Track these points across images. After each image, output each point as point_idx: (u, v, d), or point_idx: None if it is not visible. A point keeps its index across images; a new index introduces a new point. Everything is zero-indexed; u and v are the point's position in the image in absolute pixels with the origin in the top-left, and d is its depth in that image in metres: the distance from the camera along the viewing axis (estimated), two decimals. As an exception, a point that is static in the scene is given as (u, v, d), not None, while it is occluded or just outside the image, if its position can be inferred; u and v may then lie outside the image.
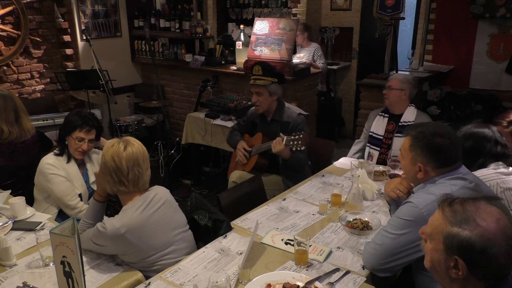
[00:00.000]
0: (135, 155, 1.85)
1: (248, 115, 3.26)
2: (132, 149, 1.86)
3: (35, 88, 4.98)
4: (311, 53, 5.16)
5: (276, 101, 3.02)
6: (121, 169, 1.83)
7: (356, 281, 1.71)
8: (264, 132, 3.08)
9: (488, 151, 2.08)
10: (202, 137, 4.34)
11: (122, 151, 1.84)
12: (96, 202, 1.99)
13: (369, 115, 3.32)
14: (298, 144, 2.62)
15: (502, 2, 4.12)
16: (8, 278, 1.74)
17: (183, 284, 1.71)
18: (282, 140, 2.68)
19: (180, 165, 4.69)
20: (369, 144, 3.18)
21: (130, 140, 1.90)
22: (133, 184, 1.86)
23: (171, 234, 1.92)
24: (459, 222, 1.15)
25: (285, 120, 2.99)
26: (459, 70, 4.58)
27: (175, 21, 5.53)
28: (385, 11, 3.81)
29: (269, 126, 3.07)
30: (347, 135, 5.93)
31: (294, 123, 2.95)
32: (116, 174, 1.83)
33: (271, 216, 2.26)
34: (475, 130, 2.13)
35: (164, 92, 5.69)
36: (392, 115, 3.12)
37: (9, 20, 4.59)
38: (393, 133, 3.05)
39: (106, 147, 1.88)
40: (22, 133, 2.83)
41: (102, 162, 1.88)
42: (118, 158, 1.83)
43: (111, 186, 1.87)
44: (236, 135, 3.24)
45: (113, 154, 1.84)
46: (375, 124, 3.18)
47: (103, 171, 1.87)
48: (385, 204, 2.31)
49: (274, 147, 2.73)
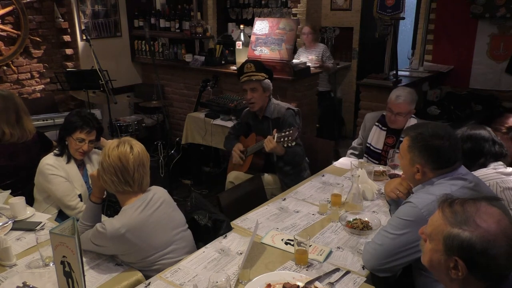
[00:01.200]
0: (140, 155, 1.89)
1: (242, 117, 3.29)
2: (138, 150, 1.89)
3: (35, 88, 4.98)
4: (319, 54, 5.16)
5: (267, 97, 3.04)
6: (127, 169, 1.84)
7: (356, 281, 1.71)
8: (258, 131, 3.10)
9: (488, 151, 2.10)
10: (202, 137, 4.34)
11: (128, 152, 1.85)
12: (92, 203, 1.99)
13: (364, 120, 3.15)
14: (288, 140, 2.62)
15: (502, 2, 4.12)
16: (8, 278, 1.74)
17: (183, 284, 1.71)
18: (273, 138, 2.69)
19: (180, 165, 4.69)
20: (367, 156, 3.05)
21: (132, 141, 1.92)
22: (138, 184, 1.88)
23: (170, 233, 1.92)
24: (459, 223, 1.14)
25: (275, 116, 3.01)
26: (459, 70, 4.59)
27: (175, 21, 5.53)
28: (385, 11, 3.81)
29: (262, 124, 3.09)
30: (347, 135, 5.93)
31: (283, 118, 2.97)
32: (123, 175, 1.84)
33: (271, 216, 2.26)
34: (472, 132, 2.14)
35: (164, 92, 5.68)
36: (391, 128, 2.95)
37: (9, 20, 4.59)
38: (394, 147, 2.88)
39: (110, 148, 1.87)
40: (24, 134, 2.83)
41: (105, 162, 1.86)
42: (125, 159, 1.84)
43: (115, 186, 1.87)
44: (232, 139, 3.27)
45: (120, 154, 1.85)
46: (373, 136, 3.02)
47: (107, 171, 1.86)
48: (385, 204, 2.31)
49: (267, 146, 2.74)
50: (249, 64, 3.00)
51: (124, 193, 1.89)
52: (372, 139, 3.02)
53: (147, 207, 1.87)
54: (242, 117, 3.29)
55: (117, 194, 1.92)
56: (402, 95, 2.80)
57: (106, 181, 1.88)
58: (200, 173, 4.76)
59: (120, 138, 1.95)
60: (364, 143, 3.11)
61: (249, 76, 2.96)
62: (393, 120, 2.87)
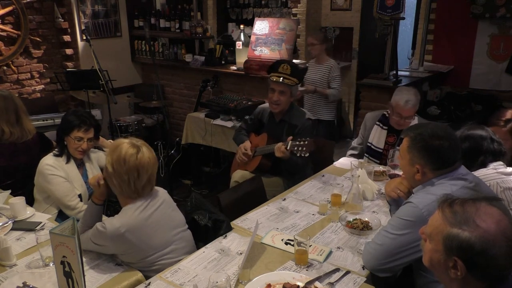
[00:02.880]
0: (153, 165, 1.87)
1: (256, 113, 3.20)
2: (152, 159, 1.87)
3: (35, 88, 4.98)
4: (325, 73, 4.28)
5: (291, 102, 2.99)
6: (141, 179, 1.82)
7: (356, 281, 1.71)
8: (271, 132, 3.02)
9: (487, 149, 2.09)
10: (202, 137, 4.34)
11: (147, 162, 1.83)
12: (94, 204, 1.98)
13: (365, 120, 3.15)
14: (302, 151, 2.54)
15: (502, 2, 4.12)
16: (8, 278, 1.74)
17: (183, 284, 1.70)
18: (286, 146, 2.61)
19: (180, 165, 4.69)
20: (367, 155, 3.05)
21: (144, 146, 1.89)
22: (145, 192, 1.87)
23: (170, 233, 1.92)
24: (459, 223, 1.14)
25: (293, 122, 2.94)
26: (459, 70, 4.58)
27: (175, 21, 5.54)
28: (385, 11, 3.81)
29: (277, 126, 3.02)
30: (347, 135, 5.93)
31: (302, 127, 2.90)
32: (135, 184, 1.82)
33: (271, 216, 2.26)
34: (470, 132, 2.14)
35: (164, 92, 5.69)
36: (392, 127, 2.95)
37: (9, 20, 4.60)
38: (395, 146, 2.89)
39: (128, 153, 1.81)
40: (24, 134, 2.83)
41: (120, 168, 1.80)
42: (142, 170, 1.81)
43: (122, 190, 1.85)
44: (243, 134, 3.20)
45: (139, 165, 1.81)
46: (374, 135, 3.02)
47: (118, 176, 1.81)
48: (385, 204, 2.31)
49: (276, 152, 2.68)
50: (285, 65, 2.90)
51: (128, 197, 1.88)
52: (373, 138, 3.02)
53: (147, 207, 1.87)
54: (256, 114, 3.19)
55: (119, 195, 1.92)
56: (411, 99, 2.78)
57: (114, 184, 1.86)
58: (200, 173, 4.76)
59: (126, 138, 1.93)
60: (364, 143, 3.10)
61: (282, 79, 2.87)
62: (401, 124, 2.85)
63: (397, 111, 2.82)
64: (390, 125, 2.96)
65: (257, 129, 3.17)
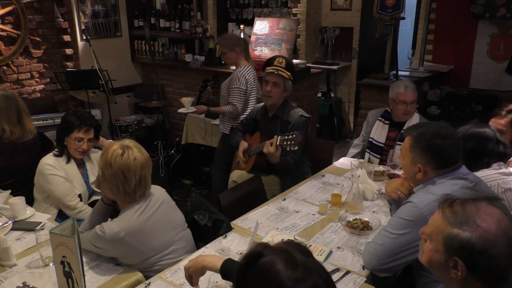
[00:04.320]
0: (143, 165, 1.81)
1: (251, 113, 3.23)
2: (141, 160, 1.81)
3: (35, 88, 4.98)
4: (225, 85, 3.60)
5: (284, 98, 3.00)
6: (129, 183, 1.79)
7: (356, 281, 1.70)
8: (264, 129, 3.04)
9: (492, 151, 2.06)
10: (202, 137, 4.34)
11: (132, 164, 1.78)
12: (103, 204, 1.96)
13: (368, 117, 3.18)
14: (291, 144, 2.54)
15: (502, 2, 4.12)
16: (8, 278, 1.74)
17: (183, 284, 1.70)
18: (275, 140, 2.60)
19: (180, 165, 4.69)
20: (368, 150, 3.06)
21: (135, 147, 1.83)
22: (139, 195, 1.84)
23: (170, 234, 1.92)
24: (459, 223, 1.14)
25: (286, 118, 2.95)
26: (459, 70, 4.58)
27: (175, 21, 5.53)
28: (385, 11, 3.81)
29: (270, 122, 3.03)
30: (347, 135, 5.93)
31: (295, 124, 2.91)
32: (124, 187, 1.79)
33: (271, 216, 2.26)
34: (476, 131, 2.09)
35: (164, 92, 5.68)
36: (394, 122, 2.97)
37: (9, 20, 4.59)
38: (395, 141, 2.91)
39: (113, 156, 1.77)
40: (24, 134, 2.83)
41: (107, 172, 1.78)
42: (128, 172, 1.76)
43: (114, 195, 1.83)
44: (238, 136, 3.22)
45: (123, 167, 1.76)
46: (375, 130, 3.04)
47: (107, 180, 1.79)
48: (385, 204, 2.31)
49: (266, 148, 2.67)
50: (281, 59, 2.94)
51: (123, 201, 1.86)
52: (374, 133, 3.04)
53: (146, 209, 1.85)
54: (251, 113, 3.23)
55: (115, 198, 1.89)
56: (409, 85, 2.88)
57: (105, 188, 1.85)
58: (200, 173, 4.76)
59: (120, 139, 1.92)
60: (366, 139, 3.12)
61: (276, 70, 2.90)
62: (408, 110, 2.87)
63: (400, 99, 2.85)
64: (392, 120, 2.98)
65: (252, 128, 3.18)
